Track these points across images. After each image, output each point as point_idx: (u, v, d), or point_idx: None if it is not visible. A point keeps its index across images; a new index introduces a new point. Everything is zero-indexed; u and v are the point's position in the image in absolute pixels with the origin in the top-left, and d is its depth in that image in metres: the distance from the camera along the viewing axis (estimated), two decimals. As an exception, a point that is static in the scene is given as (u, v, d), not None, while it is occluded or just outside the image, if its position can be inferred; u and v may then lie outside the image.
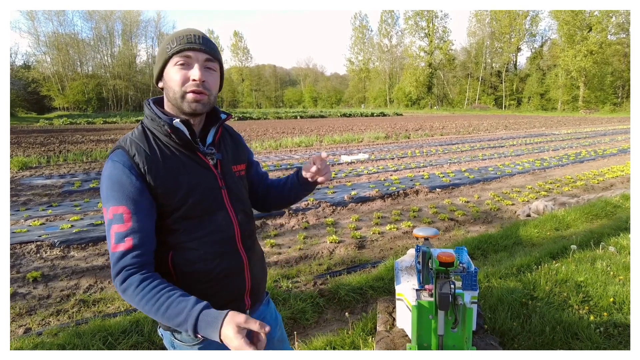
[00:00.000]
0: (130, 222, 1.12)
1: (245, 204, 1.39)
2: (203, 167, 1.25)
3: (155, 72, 1.25)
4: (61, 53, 55.96)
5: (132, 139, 1.20)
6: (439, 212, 6.27)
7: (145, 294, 1.08)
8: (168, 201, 1.18)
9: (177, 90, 1.19)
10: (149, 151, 1.18)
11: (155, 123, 1.21)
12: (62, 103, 54.80)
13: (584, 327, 2.74)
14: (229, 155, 1.35)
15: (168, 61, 1.20)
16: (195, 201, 1.21)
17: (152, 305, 1.08)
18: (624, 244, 4.31)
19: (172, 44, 1.19)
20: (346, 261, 4.42)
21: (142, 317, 3.04)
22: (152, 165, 1.16)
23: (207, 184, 1.25)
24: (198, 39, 1.20)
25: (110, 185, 1.13)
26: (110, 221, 1.13)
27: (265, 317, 1.46)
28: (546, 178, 8.97)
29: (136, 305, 1.11)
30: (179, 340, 1.26)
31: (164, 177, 1.17)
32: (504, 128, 24.83)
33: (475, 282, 2.05)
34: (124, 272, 1.10)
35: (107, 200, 1.13)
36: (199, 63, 1.19)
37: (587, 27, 51.41)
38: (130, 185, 1.13)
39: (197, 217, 1.22)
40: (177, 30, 1.25)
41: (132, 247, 1.12)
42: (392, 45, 79.35)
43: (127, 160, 1.15)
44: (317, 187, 1.69)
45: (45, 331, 3.03)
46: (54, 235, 5.19)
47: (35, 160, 11.91)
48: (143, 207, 1.14)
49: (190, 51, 1.18)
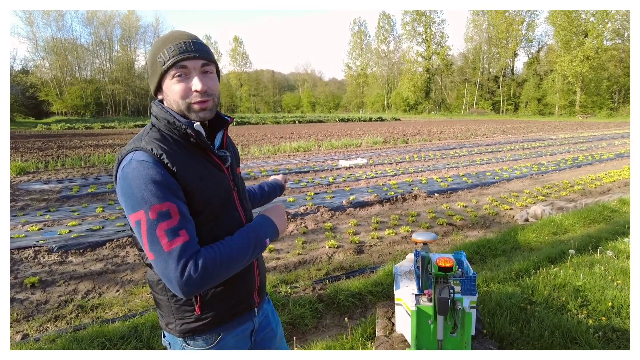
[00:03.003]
0: (178, 215, 1.07)
1: (249, 204, 1.44)
2: (219, 170, 1.26)
3: (153, 85, 1.22)
4: (59, 58, 55.99)
5: (150, 140, 1.14)
6: (437, 216, 6.28)
7: (222, 252, 1.11)
8: (195, 201, 1.16)
9: (182, 103, 1.17)
10: (172, 152, 1.14)
11: (172, 126, 1.18)
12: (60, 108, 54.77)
13: (582, 331, 2.74)
14: (233, 158, 1.38)
15: (164, 74, 1.17)
16: (217, 202, 1.22)
17: (229, 256, 1.12)
18: (622, 249, 4.32)
19: (164, 55, 1.15)
20: (345, 266, 4.41)
21: (140, 323, 3.03)
22: (180, 165, 1.13)
23: (224, 186, 1.27)
24: (190, 46, 1.15)
25: (144, 185, 1.06)
26: (153, 221, 1.05)
27: (269, 314, 1.49)
28: (544, 183, 9.00)
29: (217, 274, 1.09)
30: (190, 346, 1.26)
31: (191, 177, 1.15)
32: (501, 133, 24.92)
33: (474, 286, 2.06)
34: (192, 261, 1.04)
35: (145, 201, 1.05)
36: (197, 71, 1.16)
37: (583, 32, 51.80)
38: (167, 181, 1.08)
39: (217, 217, 1.22)
40: (165, 36, 1.19)
41: (190, 238, 1.08)
42: (389, 51, 79.77)
43: (155, 159, 1.10)
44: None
45: (43, 337, 3.02)
46: (52, 240, 5.17)
47: (33, 165, 11.88)
48: (183, 202, 1.11)
49: (185, 61, 1.14)
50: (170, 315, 1.25)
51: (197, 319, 1.23)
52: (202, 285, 1.06)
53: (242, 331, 1.34)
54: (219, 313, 1.25)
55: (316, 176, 10.19)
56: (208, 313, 1.23)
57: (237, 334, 1.32)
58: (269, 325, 1.47)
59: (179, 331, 1.24)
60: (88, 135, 25.40)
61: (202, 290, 1.09)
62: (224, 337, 1.28)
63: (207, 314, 1.23)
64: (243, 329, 1.34)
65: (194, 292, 1.07)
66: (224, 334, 1.28)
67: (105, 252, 4.92)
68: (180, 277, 1.03)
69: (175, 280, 1.04)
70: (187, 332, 1.24)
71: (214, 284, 1.10)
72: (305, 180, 9.52)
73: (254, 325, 1.39)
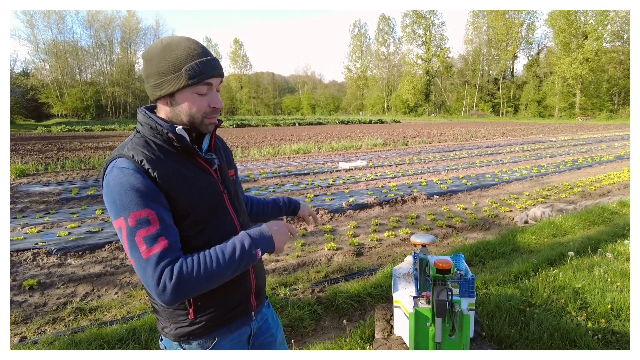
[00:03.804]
0: (158, 222, 1.07)
1: (242, 207, 1.41)
2: (206, 172, 1.26)
3: (163, 92, 1.17)
4: (60, 60, 56.13)
5: (133, 147, 1.14)
6: (437, 218, 6.28)
7: (199, 261, 1.07)
8: (179, 206, 1.15)
9: (197, 116, 1.19)
10: (155, 158, 1.14)
11: (155, 131, 1.18)
12: (60, 110, 54.87)
13: (582, 334, 2.73)
14: (224, 161, 1.37)
15: (186, 87, 1.15)
16: (204, 206, 1.21)
17: (210, 265, 1.08)
18: (622, 251, 4.32)
19: (194, 69, 1.13)
20: (344, 268, 4.41)
21: (139, 325, 3.02)
22: (161, 170, 1.13)
23: (212, 189, 1.25)
24: (217, 64, 1.18)
25: (124, 192, 1.06)
26: (132, 228, 1.05)
27: (268, 318, 1.47)
28: (543, 185, 9.00)
29: (196, 282, 1.05)
30: (187, 350, 1.26)
31: (174, 182, 1.14)
32: (501, 135, 24.94)
33: (472, 289, 2.05)
34: (168, 270, 1.03)
35: (124, 208, 1.06)
36: (217, 89, 1.20)
37: (583, 35, 51.90)
38: (146, 188, 1.08)
39: (205, 221, 1.22)
40: (186, 45, 1.15)
41: (169, 244, 1.07)
42: (389, 53, 79.94)
43: (135, 166, 1.10)
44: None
45: (41, 340, 3.01)
46: (51, 242, 5.17)
47: (33, 167, 11.89)
48: (164, 208, 1.11)
49: (212, 78, 1.16)
50: (165, 320, 1.24)
51: (191, 323, 1.22)
52: (177, 294, 1.04)
53: (239, 336, 1.32)
54: (214, 317, 1.24)
55: (316, 178, 10.19)
56: (202, 317, 1.22)
57: (233, 338, 1.30)
58: (269, 330, 1.46)
59: (174, 335, 1.24)
60: (88, 138, 25.42)
61: (180, 299, 1.06)
62: (220, 341, 1.27)
63: (201, 317, 1.22)
64: (240, 333, 1.33)
65: (171, 300, 1.04)
66: (220, 338, 1.27)
67: (104, 254, 4.91)
68: (157, 285, 1.03)
69: (152, 288, 1.04)
70: (182, 336, 1.23)
71: (192, 293, 1.07)
72: (304, 182, 9.52)
73: (251, 329, 1.37)
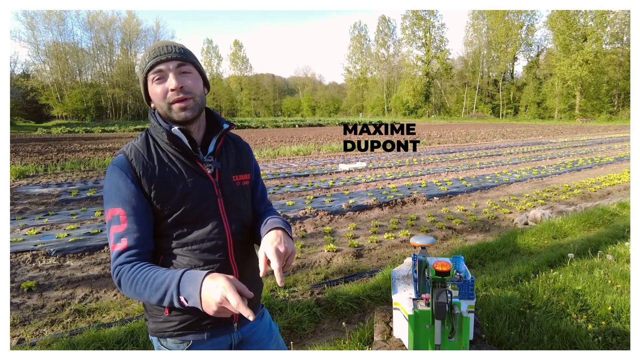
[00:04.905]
0: (126, 223, 1.16)
1: (243, 214, 1.36)
2: (200, 175, 1.25)
3: (143, 95, 1.29)
4: (60, 62, 56.18)
5: (134, 145, 1.24)
6: (436, 220, 6.27)
7: (135, 277, 1.11)
8: (162, 206, 1.20)
9: (163, 105, 1.22)
10: (147, 156, 1.21)
11: (157, 131, 1.24)
12: (60, 112, 54.90)
13: (582, 336, 2.72)
14: (229, 165, 1.34)
15: (146, 81, 1.24)
16: (188, 208, 1.22)
17: (141, 283, 1.09)
18: (622, 252, 4.30)
19: (142, 63, 1.23)
20: (344, 270, 4.40)
21: (137, 327, 3.01)
22: (147, 169, 1.19)
23: (203, 192, 1.25)
24: (164, 49, 1.21)
25: (109, 188, 1.19)
26: (109, 222, 1.17)
27: (257, 331, 1.41)
28: (543, 186, 8.99)
29: (129, 292, 1.12)
30: (164, 346, 1.27)
31: (158, 182, 1.20)
32: (501, 136, 24.94)
33: (472, 291, 2.04)
34: (117, 269, 1.14)
35: (107, 203, 1.18)
36: (172, 72, 1.20)
37: (582, 36, 51.99)
38: (126, 188, 1.17)
39: (190, 224, 1.23)
40: (152, 45, 1.26)
41: (127, 247, 1.15)
42: (389, 55, 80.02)
43: (125, 164, 1.19)
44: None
45: (39, 342, 3.00)
46: (49, 244, 5.16)
47: (33, 168, 11.88)
48: (139, 210, 1.18)
49: (160, 64, 1.20)
50: (146, 313, 1.29)
51: (166, 320, 1.24)
52: (124, 293, 1.15)
53: (218, 343, 1.29)
54: (187, 319, 1.24)
55: (315, 180, 10.18)
56: (175, 316, 1.24)
57: (210, 345, 1.28)
58: (259, 343, 1.40)
59: (152, 330, 1.28)
60: (88, 139, 25.42)
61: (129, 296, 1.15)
62: (195, 344, 1.26)
63: (174, 317, 1.24)
64: (218, 341, 1.30)
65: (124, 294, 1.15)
66: (195, 341, 1.26)
67: (103, 255, 4.90)
68: (113, 278, 1.16)
69: (113, 277, 1.16)
70: (158, 332, 1.26)
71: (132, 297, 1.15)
72: (304, 184, 9.51)
73: (232, 339, 1.33)
